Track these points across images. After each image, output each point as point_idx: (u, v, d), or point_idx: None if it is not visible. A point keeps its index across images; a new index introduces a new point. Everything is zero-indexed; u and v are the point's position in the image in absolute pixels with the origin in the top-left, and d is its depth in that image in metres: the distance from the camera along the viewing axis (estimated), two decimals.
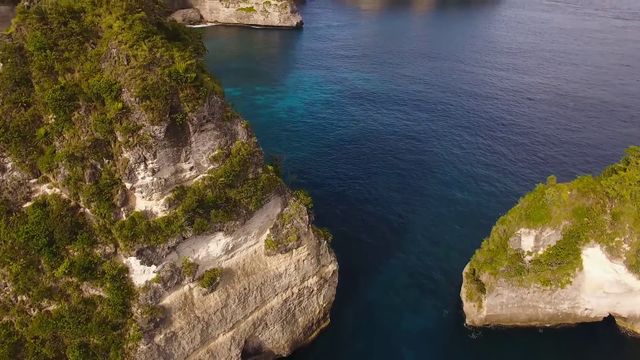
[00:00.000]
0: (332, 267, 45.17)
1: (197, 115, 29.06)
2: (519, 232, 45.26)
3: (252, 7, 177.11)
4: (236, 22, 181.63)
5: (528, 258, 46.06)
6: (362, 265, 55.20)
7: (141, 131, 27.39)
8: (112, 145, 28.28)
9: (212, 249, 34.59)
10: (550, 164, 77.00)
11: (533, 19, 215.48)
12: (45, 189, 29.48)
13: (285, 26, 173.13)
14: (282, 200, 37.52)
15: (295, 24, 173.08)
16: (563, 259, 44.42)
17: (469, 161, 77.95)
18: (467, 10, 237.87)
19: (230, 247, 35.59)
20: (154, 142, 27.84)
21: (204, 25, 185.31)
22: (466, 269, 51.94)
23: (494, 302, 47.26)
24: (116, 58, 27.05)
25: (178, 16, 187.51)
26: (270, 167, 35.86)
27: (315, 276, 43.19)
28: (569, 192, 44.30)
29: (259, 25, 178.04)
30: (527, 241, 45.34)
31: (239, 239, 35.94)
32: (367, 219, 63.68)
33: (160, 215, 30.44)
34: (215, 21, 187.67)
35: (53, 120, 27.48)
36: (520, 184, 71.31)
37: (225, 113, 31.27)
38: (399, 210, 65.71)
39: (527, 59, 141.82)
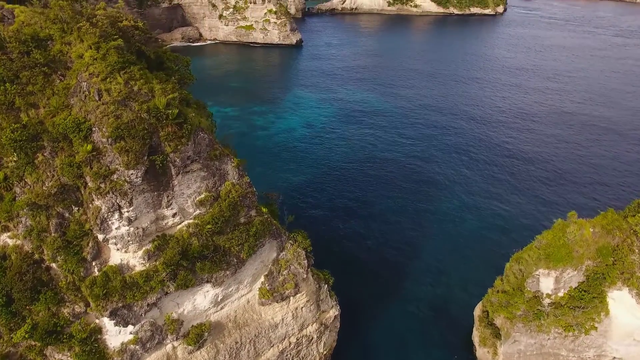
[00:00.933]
0: (333, 312, 41.13)
1: (180, 156, 25.48)
2: (537, 273, 41.35)
3: (252, 25, 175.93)
4: (235, 40, 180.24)
5: (547, 301, 42.06)
6: (365, 300, 51.16)
7: (115, 176, 23.77)
8: (82, 192, 24.62)
9: (199, 301, 30.65)
10: (559, 193, 73.33)
11: (533, 36, 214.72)
12: (5, 239, 25.75)
13: (285, 44, 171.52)
14: (278, 245, 33.70)
15: (295, 41, 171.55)
16: (587, 303, 40.44)
17: (473, 188, 74.22)
18: (466, 28, 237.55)
19: (219, 299, 31.64)
20: (129, 188, 24.20)
21: (203, 43, 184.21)
22: (478, 310, 47.86)
23: (510, 349, 43.10)
24: (87, 92, 23.59)
25: (177, 34, 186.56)
26: (264, 210, 32.10)
27: (315, 323, 39.11)
28: (591, 230, 40.58)
29: (259, 43, 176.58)
30: (546, 283, 41.42)
31: (230, 289, 32.01)
32: (369, 248, 59.86)
33: (138, 269, 26.62)
34: (215, 39, 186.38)
35: (13, 163, 23.90)
36: (528, 212, 67.66)
37: (213, 151, 27.67)
38: (403, 239, 61.87)
39: (529, 78, 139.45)
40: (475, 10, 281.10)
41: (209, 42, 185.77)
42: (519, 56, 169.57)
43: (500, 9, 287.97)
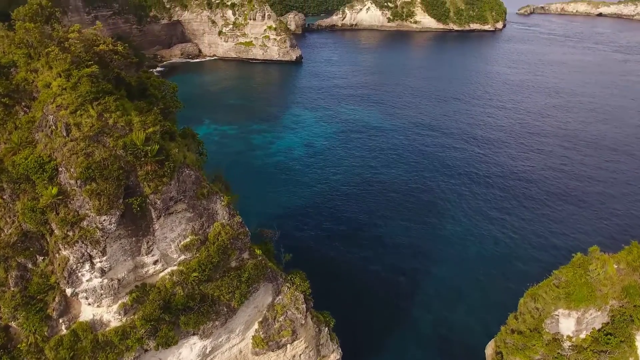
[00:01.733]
0: (334, 356, 37.58)
1: (161, 197, 22.40)
2: (556, 313, 37.91)
3: (251, 41, 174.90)
4: (235, 56, 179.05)
5: (568, 344, 38.49)
6: (369, 335, 47.49)
7: (85, 222, 20.65)
8: (47, 240, 21.48)
9: (184, 355, 27.19)
10: (569, 220, 70.09)
11: (534, 52, 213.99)
12: None
13: (285, 60, 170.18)
14: (273, 288, 30.37)
15: (295, 58, 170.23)
16: (613, 348, 36.95)
17: (477, 212, 70.84)
18: (466, 44, 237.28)
19: (208, 351, 28.18)
20: (102, 236, 21.06)
21: (203, 60, 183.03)
22: (490, 350, 44.26)
23: None
24: (53, 127, 20.65)
25: (177, 50, 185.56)
26: (258, 251, 28.83)
27: None
28: (616, 267, 37.34)
29: (258, 60, 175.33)
30: (566, 324, 37.95)
31: (220, 340, 28.56)
32: (371, 277, 56.33)
33: (114, 324, 23.31)
34: (214, 55, 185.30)
35: None
36: (537, 240, 64.25)
37: (200, 189, 24.59)
38: (406, 268, 58.37)
39: (530, 94, 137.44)
40: (474, 26, 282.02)
41: (208, 58, 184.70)
42: (520, 73, 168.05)
43: (499, 24, 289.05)
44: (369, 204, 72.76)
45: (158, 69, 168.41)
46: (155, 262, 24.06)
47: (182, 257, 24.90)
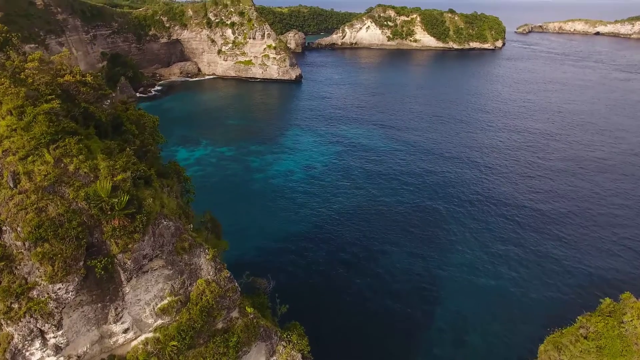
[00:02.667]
0: None
1: (132, 257, 18.75)
2: None
3: (251, 60, 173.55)
4: (234, 75, 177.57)
5: None
6: None
7: (34, 292, 16.96)
8: None
9: None
10: (583, 254, 66.23)
11: (535, 71, 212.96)
12: None
13: (284, 79, 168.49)
14: (267, 348, 26.41)
15: (295, 77, 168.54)
16: None
17: (483, 243, 66.83)
18: (466, 63, 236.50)
19: None
20: (57, 307, 17.34)
21: (202, 78, 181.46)
22: None
23: None
24: None
25: (176, 69, 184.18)
26: (249, 309, 24.94)
27: None
28: None
29: (257, 79, 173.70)
30: None
31: None
32: (376, 312, 52.15)
33: None
34: (213, 74, 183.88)
35: None
36: (549, 279, 60.21)
37: (181, 242, 20.95)
38: (414, 300, 54.26)
39: (533, 114, 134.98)
40: (474, 44, 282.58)
41: (207, 77, 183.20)
42: (522, 92, 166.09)
43: (499, 43, 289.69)
44: (370, 232, 68.93)
45: (157, 87, 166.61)
46: (125, 331, 20.25)
47: (159, 321, 21.10)
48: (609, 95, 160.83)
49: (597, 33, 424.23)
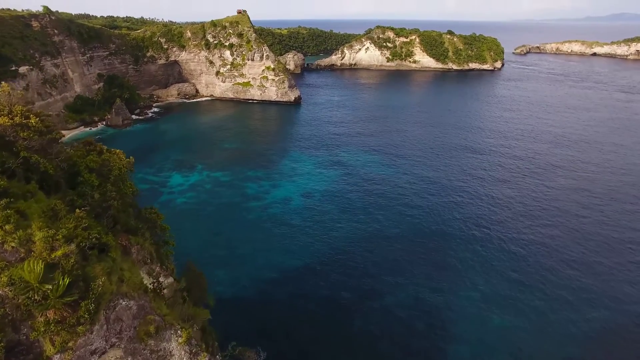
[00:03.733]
0: None
1: (75, 355, 14.39)
2: None
3: (249, 81, 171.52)
4: (232, 96, 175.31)
5: None
6: None
7: None
8: None
9: None
10: (601, 293, 61.65)
11: (536, 92, 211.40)
12: None
13: (283, 101, 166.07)
14: None
15: (293, 99, 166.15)
16: None
17: (493, 276, 62.38)
18: (466, 84, 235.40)
19: None
20: None
21: (199, 100, 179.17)
22: None
23: None
24: None
25: (173, 90, 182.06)
26: None
27: None
28: None
29: (256, 100, 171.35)
30: None
31: None
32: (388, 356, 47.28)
33: None
34: (211, 95, 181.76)
35: None
36: (568, 322, 55.58)
37: (146, 326, 16.59)
38: (420, 350, 49.33)
39: (537, 135, 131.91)
40: (473, 65, 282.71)
41: (205, 98, 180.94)
42: (525, 115, 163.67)
43: (498, 64, 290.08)
44: (373, 266, 64.28)
45: (153, 109, 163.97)
46: None
47: None
48: (612, 117, 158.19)
49: (594, 54, 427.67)
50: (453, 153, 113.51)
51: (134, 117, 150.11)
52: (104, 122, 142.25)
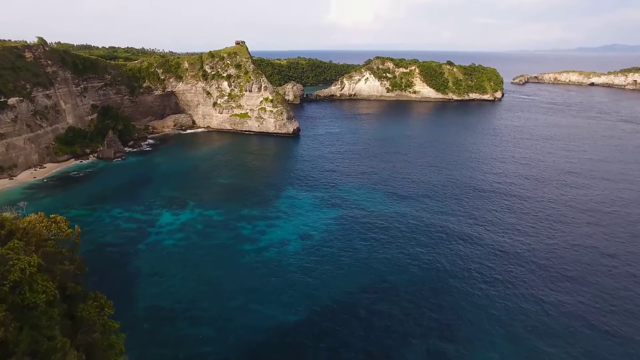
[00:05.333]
0: None
1: None
2: None
3: (247, 113, 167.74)
4: (229, 128, 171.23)
5: None
6: None
7: None
8: None
9: None
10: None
11: (538, 123, 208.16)
12: None
13: (281, 133, 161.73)
14: None
15: (292, 131, 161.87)
16: None
17: (513, 332, 55.50)
18: (468, 115, 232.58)
19: None
20: None
21: (196, 131, 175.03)
22: None
23: None
24: None
25: (170, 121, 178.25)
26: None
27: None
28: None
29: (254, 132, 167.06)
30: None
31: None
32: None
33: None
34: (208, 127, 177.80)
35: None
36: None
37: None
38: None
39: (544, 170, 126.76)
40: (474, 95, 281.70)
41: (202, 129, 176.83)
42: (529, 146, 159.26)
43: (498, 94, 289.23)
44: (377, 322, 57.14)
45: (149, 140, 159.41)
46: None
47: None
48: (620, 148, 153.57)
49: (592, 84, 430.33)
50: (458, 192, 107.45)
51: (127, 149, 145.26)
52: (96, 155, 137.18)
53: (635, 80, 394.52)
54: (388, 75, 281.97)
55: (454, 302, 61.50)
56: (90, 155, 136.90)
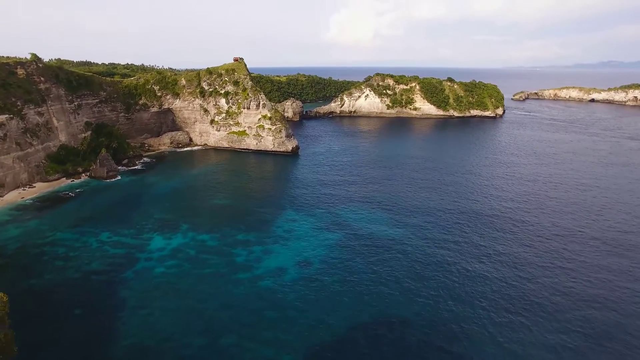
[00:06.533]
0: None
1: None
2: None
3: (245, 130, 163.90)
4: (227, 146, 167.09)
5: None
6: None
7: None
8: None
9: None
10: None
11: (542, 140, 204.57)
12: None
13: (280, 151, 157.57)
14: None
15: (291, 149, 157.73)
16: None
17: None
18: (469, 132, 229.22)
19: None
20: None
21: (192, 149, 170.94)
22: None
23: None
24: None
25: (166, 139, 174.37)
26: None
27: None
28: None
29: (251, 150, 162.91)
30: None
31: None
32: None
33: None
34: (205, 144, 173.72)
35: None
36: None
37: None
38: None
39: (551, 189, 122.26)
40: (475, 112, 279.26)
41: (198, 147, 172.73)
42: (534, 165, 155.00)
43: (499, 110, 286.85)
44: (381, 358, 51.92)
45: (144, 158, 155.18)
46: None
47: None
48: (631, 168, 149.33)
49: (592, 100, 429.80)
50: (464, 217, 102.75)
51: (121, 168, 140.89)
52: (88, 174, 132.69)
53: (635, 97, 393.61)
54: (388, 92, 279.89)
55: (463, 332, 56.22)
56: (83, 174, 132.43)
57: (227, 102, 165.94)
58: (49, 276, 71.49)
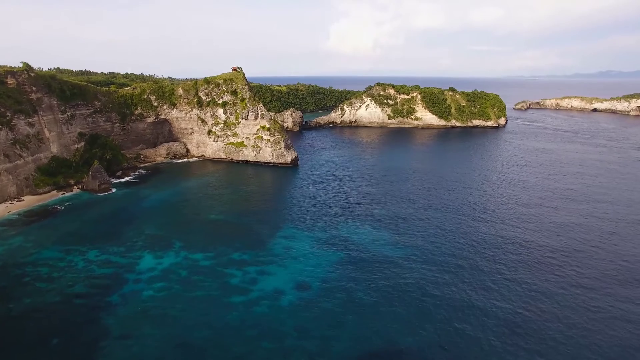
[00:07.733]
0: None
1: None
2: None
3: (243, 141, 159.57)
4: (224, 157, 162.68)
5: None
6: None
7: None
8: None
9: None
10: None
11: (546, 151, 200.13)
12: None
13: (279, 163, 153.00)
14: None
15: (290, 160, 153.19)
16: None
17: None
18: (472, 142, 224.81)
19: None
20: None
21: (189, 160, 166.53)
22: None
23: None
24: None
25: (162, 150, 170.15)
26: None
27: None
28: None
29: (250, 161, 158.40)
30: None
31: None
32: None
33: None
34: (203, 155, 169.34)
35: None
36: None
37: None
38: None
39: (558, 205, 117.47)
40: (477, 122, 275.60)
41: (195, 158, 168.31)
42: (543, 176, 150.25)
43: (502, 120, 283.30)
44: None
45: (139, 170, 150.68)
46: None
47: None
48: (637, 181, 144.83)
49: (595, 109, 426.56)
50: (469, 239, 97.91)
51: (114, 180, 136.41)
52: (80, 186, 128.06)
53: (638, 106, 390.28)
54: (389, 101, 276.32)
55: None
56: (75, 187, 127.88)
57: (225, 113, 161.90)
58: (29, 300, 66.44)
